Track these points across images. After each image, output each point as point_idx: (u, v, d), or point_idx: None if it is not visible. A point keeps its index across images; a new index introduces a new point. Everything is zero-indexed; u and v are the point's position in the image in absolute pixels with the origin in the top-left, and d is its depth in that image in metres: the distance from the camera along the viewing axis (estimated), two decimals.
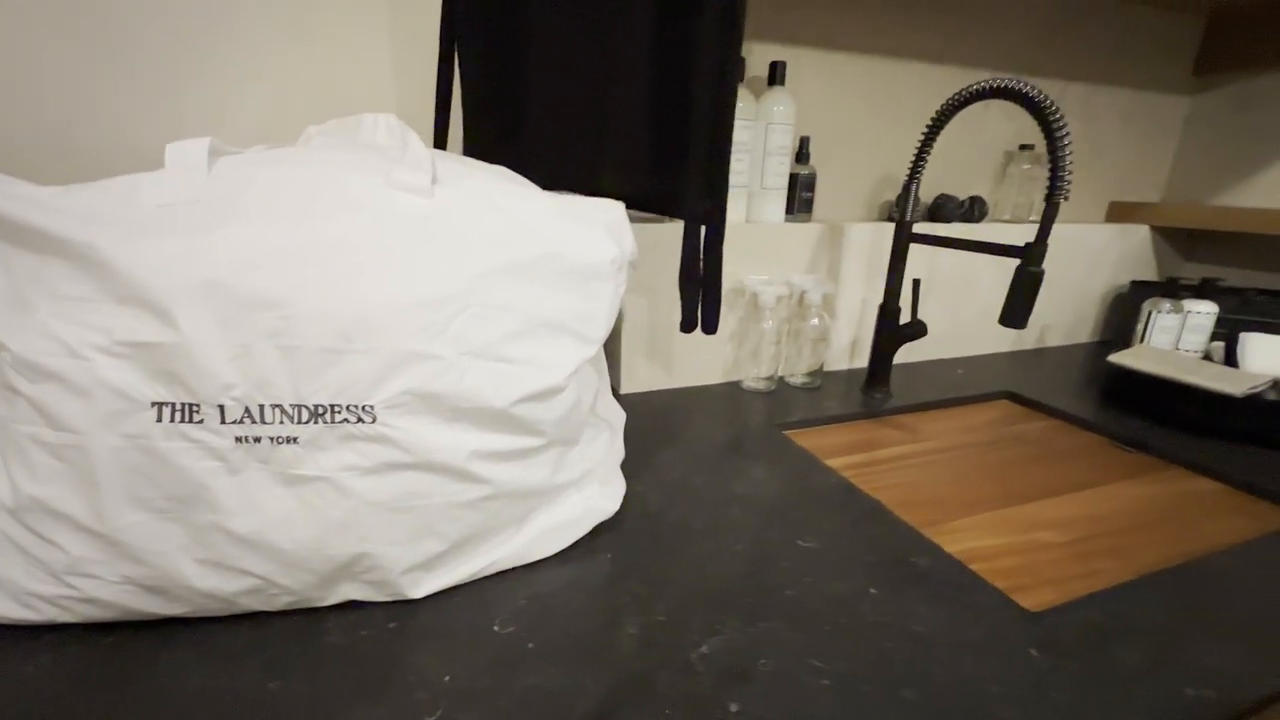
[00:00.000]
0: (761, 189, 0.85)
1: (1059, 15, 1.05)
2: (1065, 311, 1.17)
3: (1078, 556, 0.54)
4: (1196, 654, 0.41)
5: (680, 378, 0.88)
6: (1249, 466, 0.69)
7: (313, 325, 0.37)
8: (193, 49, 0.67)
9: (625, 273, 0.50)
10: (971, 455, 0.74)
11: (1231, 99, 1.19)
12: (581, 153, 0.52)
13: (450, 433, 0.41)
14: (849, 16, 0.91)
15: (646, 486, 0.60)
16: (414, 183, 0.44)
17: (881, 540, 0.53)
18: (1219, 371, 0.78)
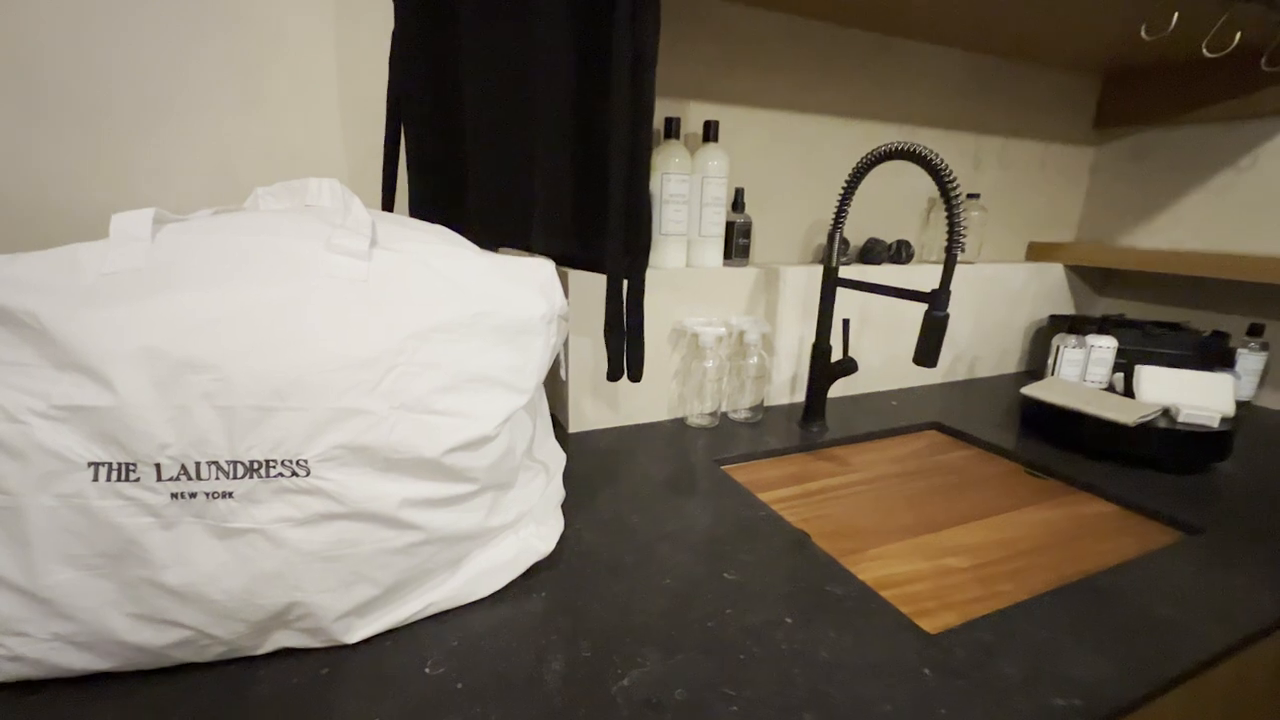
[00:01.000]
0: (700, 236, 0.90)
1: (972, 75, 1.15)
2: (992, 344, 1.25)
3: (980, 580, 0.59)
4: (1069, 666, 0.46)
5: (627, 416, 0.91)
6: (1140, 489, 0.76)
7: (248, 386, 0.39)
8: (142, 110, 0.70)
9: (556, 325, 0.54)
10: (896, 485, 0.79)
11: (1128, 150, 1.31)
12: (515, 215, 0.56)
13: (382, 483, 0.43)
14: (778, 78, 0.98)
15: (584, 525, 0.63)
16: (352, 247, 0.47)
17: (801, 571, 0.57)
18: (1116, 401, 0.86)
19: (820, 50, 1.00)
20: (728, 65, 0.94)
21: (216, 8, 0.70)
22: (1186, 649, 0.48)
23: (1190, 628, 0.51)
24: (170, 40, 0.69)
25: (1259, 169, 1.11)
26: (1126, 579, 0.57)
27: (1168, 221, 1.25)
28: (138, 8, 0.67)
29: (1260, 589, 0.56)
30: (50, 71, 0.66)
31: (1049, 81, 1.25)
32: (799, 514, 0.71)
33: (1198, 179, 1.20)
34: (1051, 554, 0.64)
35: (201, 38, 0.70)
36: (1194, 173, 1.20)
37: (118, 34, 0.67)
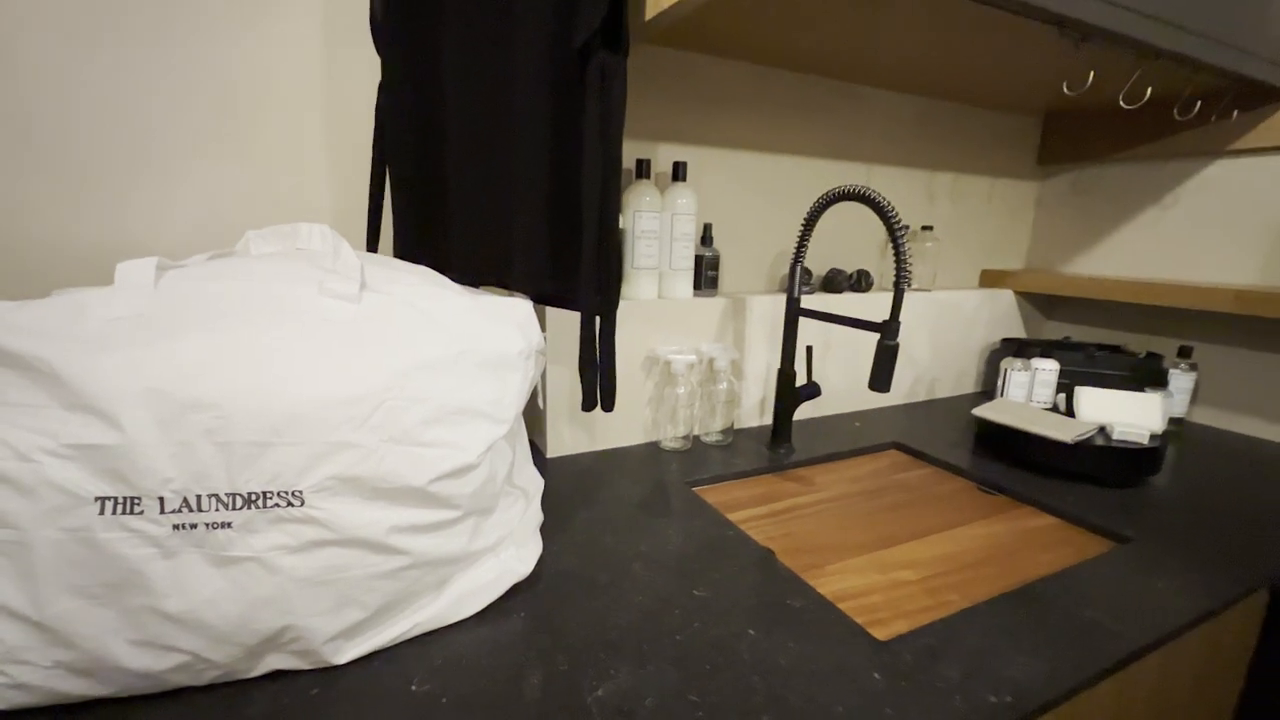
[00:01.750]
0: (671, 269, 0.96)
1: (924, 117, 1.24)
2: (950, 366, 1.32)
3: (929, 591, 0.64)
4: (1003, 667, 0.50)
5: (603, 440, 0.95)
6: (1079, 502, 0.82)
7: (247, 423, 0.42)
8: (134, 155, 0.73)
9: (533, 360, 0.58)
10: (857, 503, 0.84)
11: (1068, 184, 1.41)
12: (496, 257, 0.61)
13: (372, 511, 0.46)
14: (744, 121, 1.05)
15: (561, 546, 0.66)
16: (343, 291, 0.51)
17: (765, 586, 0.61)
18: (1057, 421, 0.92)
19: (783, 95, 1.07)
20: (696, 110, 1.00)
21: (208, 59, 0.74)
22: (1109, 648, 0.53)
23: (1113, 629, 0.56)
24: (163, 88, 0.72)
25: (1181, 205, 1.21)
26: (1060, 586, 0.62)
27: (1106, 250, 1.35)
28: (132, 56, 0.70)
29: (1177, 593, 0.62)
30: (43, 116, 0.68)
31: (995, 122, 1.34)
32: (765, 532, 0.75)
33: (1130, 212, 1.30)
34: (995, 565, 0.69)
35: (194, 86, 0.73)
36: (1127, 206, 1.30)
37: (112, 80, 0.70)
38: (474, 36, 0.60)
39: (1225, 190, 1.15)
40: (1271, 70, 0.97)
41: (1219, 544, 0.73)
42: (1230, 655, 0.74)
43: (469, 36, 0.61)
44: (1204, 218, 1.19)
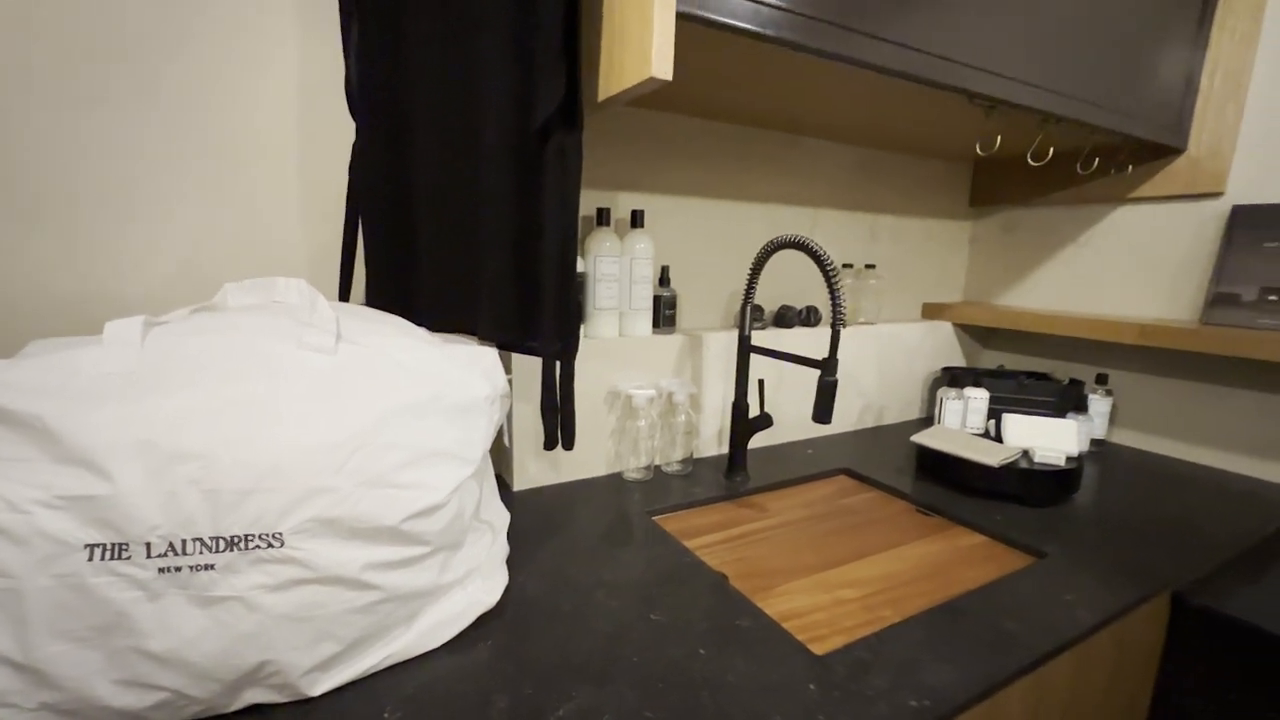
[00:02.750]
0: (630, 309, 1.02)
1: (866, 165, 1.34)
2: (896, 394, 1.41)
3: (867, 608, 0.70)
4: (925, 675, 0.56)
5: (568, 473, 0.99)
6: (1005, 521, 0.90)
7: (231, 471, 0.46)
8: (111, 205, 0.76)
9: (498, 403, 0.63)
10: (806, 527, 0.90)
11: (998, 224, 1.53)
12: (464, 308, 0.66)
13: (347, 550, 0.50)
14: (699, 170, 1.13)
15: (527, 577, 0.70)
16: (321, 344, 0.55)
17: (717, 609, 0.66)
18: (987, 446, 1.01)
19: (733, 147, 1.16)
20: (653, 160, 1.08)
21: (187, 110, 0.77)
22: (1018, 655, 0.60)
23: (1023, 637, 0.62)
24: (141, 140, 0.76)
25: (1094, 245, 1.34)
26: (981, 600, 0.69)
27: (1033, 284, 1.47)
28: (110, 108, 0.74)
29: (1082, 603, 0.69)
30: (22, 165, 0.71)
31: (929, 168, 1.46)
32: (720, 557, 0.80)
33: (1052, 250, 1.42)
34: (928, 582, 0.76)
35: (171, 138, 0.77)
36: (1048, 245, 1.43)
37: (90, 131, 0.73)
38: (445, 108, 0.66)
39: (1129, 233, 1.28)
40: (1157, 131, 1.10)
41: (1125, 555, 0.81)
42: (1140, 656, 0.82)
43: (440, 108, 0.66)
44: (1113, 257, 1.31)
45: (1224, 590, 0.82)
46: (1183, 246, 1.21)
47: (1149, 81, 1.07)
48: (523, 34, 0.56)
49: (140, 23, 0.74)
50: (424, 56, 0.69)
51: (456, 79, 0.64)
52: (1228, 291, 1.12)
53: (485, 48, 0.60)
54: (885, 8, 0.73)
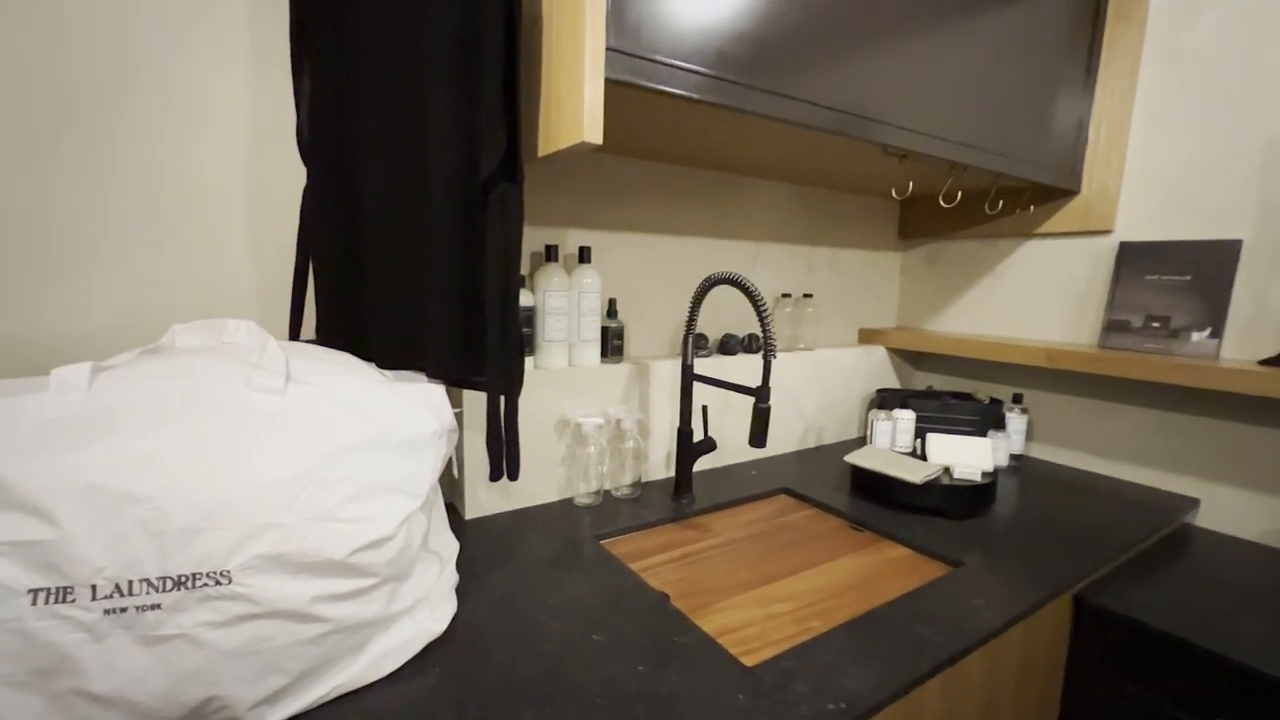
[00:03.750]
0: (579, 341, 1.06)
1: (802, 201, 1.43)
2: (835, 415, 1.49)
3: (796, 620, 0.75)
4: (843, 679, 0.61)
5: (519, 500, 1.02)
6: (928, 534, 0.97)
7: (179, 512, 0.48)
8: (53, 245, 0.76)
9: (446, 438, 0.66)
10: (747, 545, 0.95)
11: (924, 256, 1.65)
12: (412, 345, 0.69)
13: (295, 583, 0.52)
14: (643, 208, 1.19)
15: (476, 603, 0.72)
16: (270, 385, 0.57)
17: (657, 627, 0.70)
18: (912, 464, 1.09)
19: (677, 186, 1.23)
20: (600, 198, 1.13)
21: (135, 153, 0.79)
22: (929, 656, 0.66)
23: (934, 641, 0.69)
24: (87, 183, 0.76)
25: (1007, 276, 1.46)
26: (900, 608, 0.75)
27: (956, 312, 1.59)
28: (55, 150, 0.74)
29: (990, 606, 0.76)
30: None
31: (862, 204, 1.57)
32: (664, 578, 0.84)
33: (972, 280, 1.54)
34: (855, 593, 0.81)
35: (118, 181, 0.78)
36: (969, 276, 1.55)
37: (34, 174, 0.74)
38: (394, 156, 0.70)
39: (1036, 265, 1.41)
40: (1053, 176, 1.23)
41: (1033, 561, 0.89)
42: (1049, 652, 0.90)
43: (390, 156, 0.70)
44: (1024, 286, 1.44)
45: (1118, 590, 0.91)
46: (1082, 277, 1.33)
47: (1044, 132, 1.19)
48: (468, 94, 0.61)
49: (90, 68, 0.75)
50: (375, 106, 0.72)
51: (406, 130, 0.68)
52: (1119, 319, 1.24)
53: (434, 103, 0.65)
54: (800, 70, 0.81)
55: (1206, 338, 1.13)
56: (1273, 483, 1.09)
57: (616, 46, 0.63)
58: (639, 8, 0.65)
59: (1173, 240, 1.19)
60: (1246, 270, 1.11)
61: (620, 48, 0.64)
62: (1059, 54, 1.19)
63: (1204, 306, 1.14)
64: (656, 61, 0.67)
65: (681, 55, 0.69)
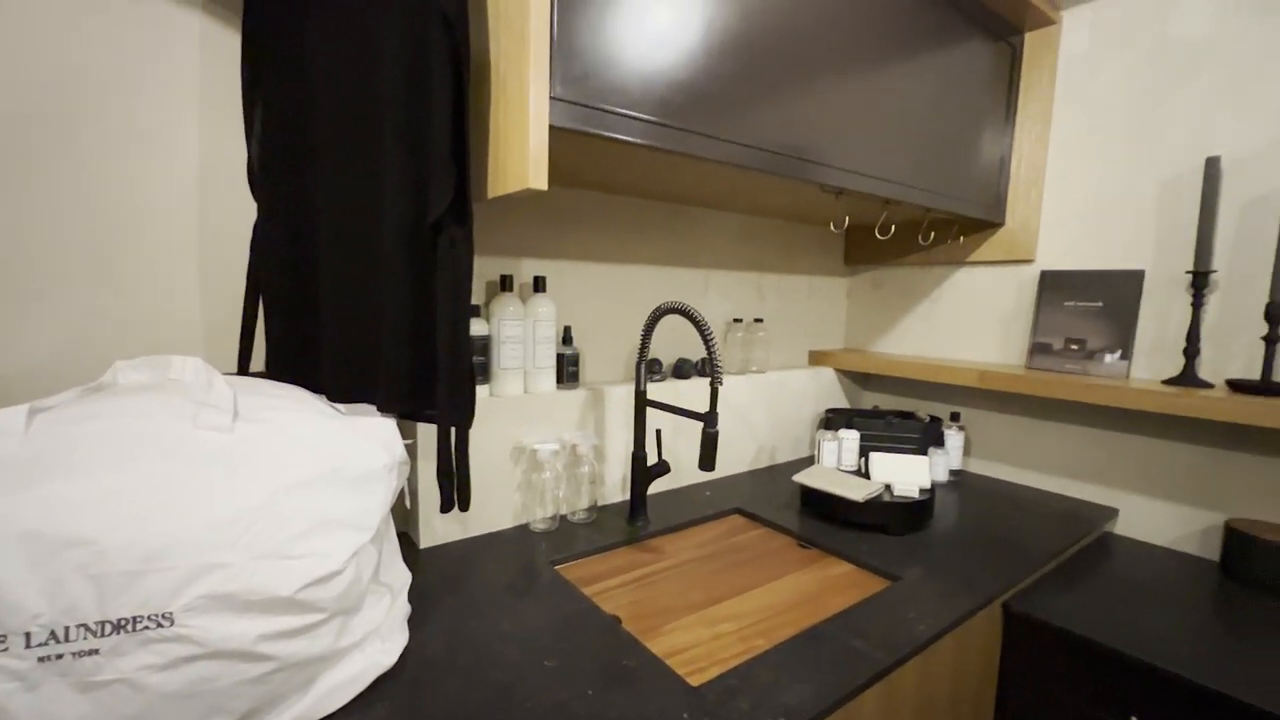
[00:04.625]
0: (535, 368, 1.08)
1: (751, 231, 1.50)
2: (787, 435, 1.54)
3: (742, 639, 0.78)
4: (783, 694, 0.64)
5: (475, 527, 1.03)
6: (870, 550, 1.02)
7: (121, 555, 0.48)
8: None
9: (397, 471, 0.67)
10: (699, 566, 0.98)
11: (869, 282, 1.74)
12: (364, 379, 0.70)
13: (240, 622, 0.52)
14: (596, 238, 1.23)
15: (429, 634, 0.73)
16: (217, 423, 0.58)
17: (607, 650, 0.72)
18: (855, 482, 1.14)
19: (629, 216, 1.27)
20: (555, 229, 1.16)
21: (77, 188, 0.78)
22: (862, 670, 0.70)
23: (869, 655, 0.73)
24: (27, 210, 0.75)
25: (943, 301, 1.56)
26: (840, 623, 0.79)
27: (899, 334, 1.67)
28: None
29: (923, 619, 0.81)
30: None
31: (808, 233, 1.64)
32: (617, 601, 0.86)
33: (912, 304, 1.63)
34: (799, 610, 0.85)
35: (60, 209, 0.77)
36: (910, 300, 1.64)
37: None
38: (346, 194, 0.72)
39: (969, 291, 1.51)
40: (980, 209, 1.32)
41: (966, 573, 0.95)
42: (981, 659, 0.95)
43: (342, 195, 0.72)
44: (959, 311, 1.53)
45: (1042, 598, 0.97)
46: (1010, 303, 1.43)
47: (970, 169, 1.29)
48: (417, 141, 0.64)
49: (39, 100, 0.74)
50: (327, 145, 0.74)
51: (357, 170, 0.70)
52: (1043, 341, 1.34)
53: (384, 147, 0.67)
54: (738, 115, 0.86)
55: (1118, 359, 1.23)
56: (1180, 493, 1.18)
57: (561, 96, 0.67)
58: (584, 59, 0.69)
59: (1086, 270, 1.29)
60: (1149, 298, 1.22)
61: (565, 96, 0.67)
62: (982, 97, 1.29)
63: (1115, 330, 1.24)
64: (601, 109, 0.71)
65: (626, 103, 0.74)
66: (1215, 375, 1.13)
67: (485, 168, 0.71)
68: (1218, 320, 1.14)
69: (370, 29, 0.67)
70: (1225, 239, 1.12)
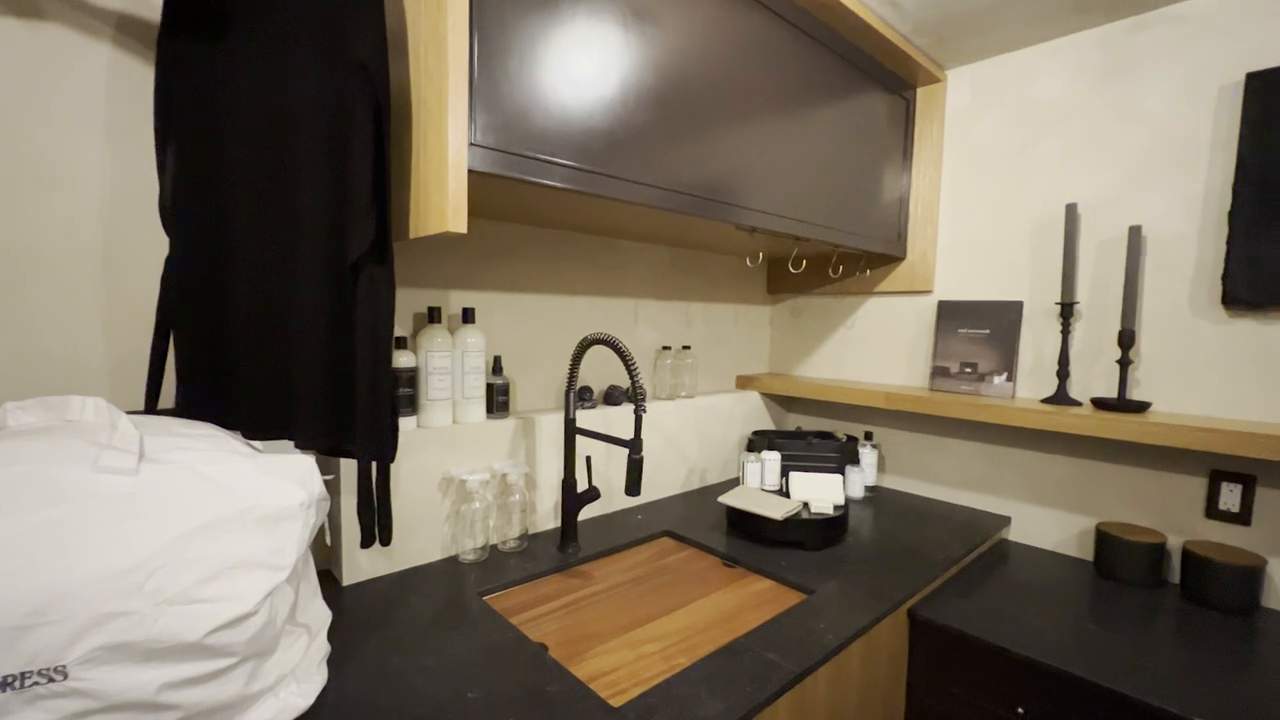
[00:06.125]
0: (464, 398, 1.09)
1: (676, 262, 1.57)
2: (716, 458, 1.60)
3: (665, 658, 0.81)
4: (699, 709, 0.68)
5: (402, 561, 1.02)
6: (789, 566, 1.08)
7: (8, 608, 0.46)
8: None
9: (315, 507, 0.67)
10: (627, 590, 1.01)
11: (789, 310, 1.85)
12: (281, 414, 0.70)
13: (142, 672, 0.51)
14: (526, 269, 1.26)
15: (349, 674, 0.72)
16: (120, 465, 0.56)
17: (531, 678, 0.73)
18: (775, 501, 1.20)
19: (560, 249, 1.31)
20: (484, 261, 1.19)
21: None
22: (775, 680, 0.74)
23: (781, 666, 0.77)
24: None
25: (856, 328, 1.67)
26: (756, 637, 0.84)
27: (819, 359, 1.78)
28: None
29: (831, 629, 0.87)
30: None
31: (732, 264, 1.74)
32: (544, 629, 0.88)
33: (829, 332, 1.75)
34: (720, 627, 0.89)
35: None
36: (827, 327, 1.75)
37: None
38: (265, 233, 0.72)
39: (877, 319, 1.63)
40: (883, 245, 1.45)
41: (874, 583, 1.02)
42: (889, 665, 1.02)
43: (261, 233, 0.72)
44: (869, 337, 1.65)
45: (943, 603, 1.05)
46: (913, 330, 1.56)
47: (872, 208, 1.41)
48: (338, 185, 0.65)
49: None
50: (246, 184, 0.74)
51: (277, 210, 0.70)
52: (941, 365, 1.47)
53: (304, 190, 0.68)
54: (654, 160, 0.92)
55: (1004, 381, 1.37)
56: (1060, 500, 1.31)
57: (481, 142, 0.70)
58: (504, 107, 0.73)
59: (976, 300, 1.43)
60: (1028, 325, 1.36)
61: (484, 143, 0.71)
62: (882, 144, 1.42)
63: (1001, 355, 1.38)
64: (522, 155, 0.75)
65: (545, 149, 0.78)
66: (1083, 394, 1.28)
67: (407, 210, 0.73)
68: (1083, 346, 1.29)
69: (291, 74, 0.68)
70: (1086, 274, 1.28)
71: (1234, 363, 1.11)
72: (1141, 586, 1.13)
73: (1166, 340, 1.18)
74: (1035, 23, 1.25)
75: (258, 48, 0.72)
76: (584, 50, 0.82)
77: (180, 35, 0.77)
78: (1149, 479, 1.20)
